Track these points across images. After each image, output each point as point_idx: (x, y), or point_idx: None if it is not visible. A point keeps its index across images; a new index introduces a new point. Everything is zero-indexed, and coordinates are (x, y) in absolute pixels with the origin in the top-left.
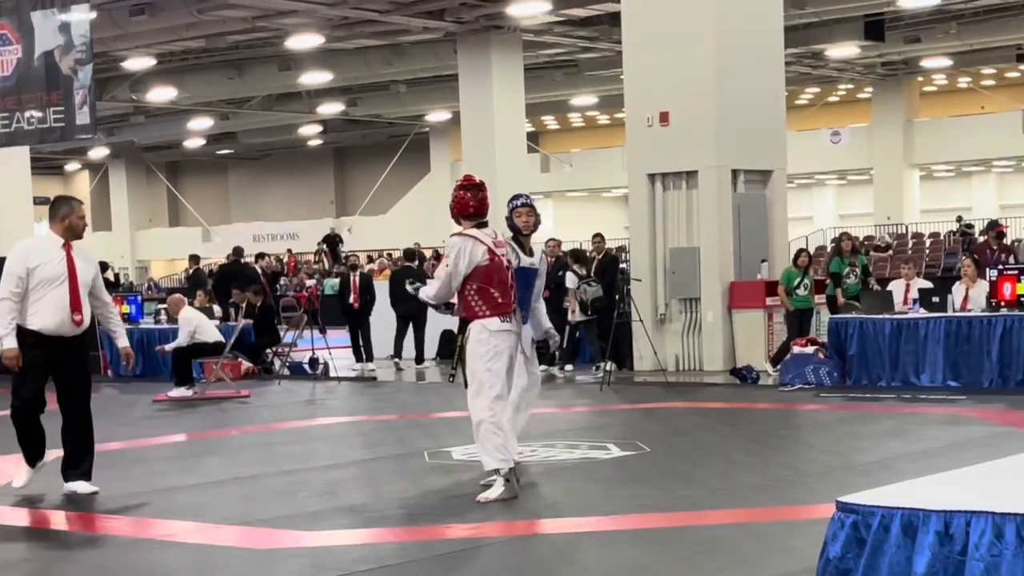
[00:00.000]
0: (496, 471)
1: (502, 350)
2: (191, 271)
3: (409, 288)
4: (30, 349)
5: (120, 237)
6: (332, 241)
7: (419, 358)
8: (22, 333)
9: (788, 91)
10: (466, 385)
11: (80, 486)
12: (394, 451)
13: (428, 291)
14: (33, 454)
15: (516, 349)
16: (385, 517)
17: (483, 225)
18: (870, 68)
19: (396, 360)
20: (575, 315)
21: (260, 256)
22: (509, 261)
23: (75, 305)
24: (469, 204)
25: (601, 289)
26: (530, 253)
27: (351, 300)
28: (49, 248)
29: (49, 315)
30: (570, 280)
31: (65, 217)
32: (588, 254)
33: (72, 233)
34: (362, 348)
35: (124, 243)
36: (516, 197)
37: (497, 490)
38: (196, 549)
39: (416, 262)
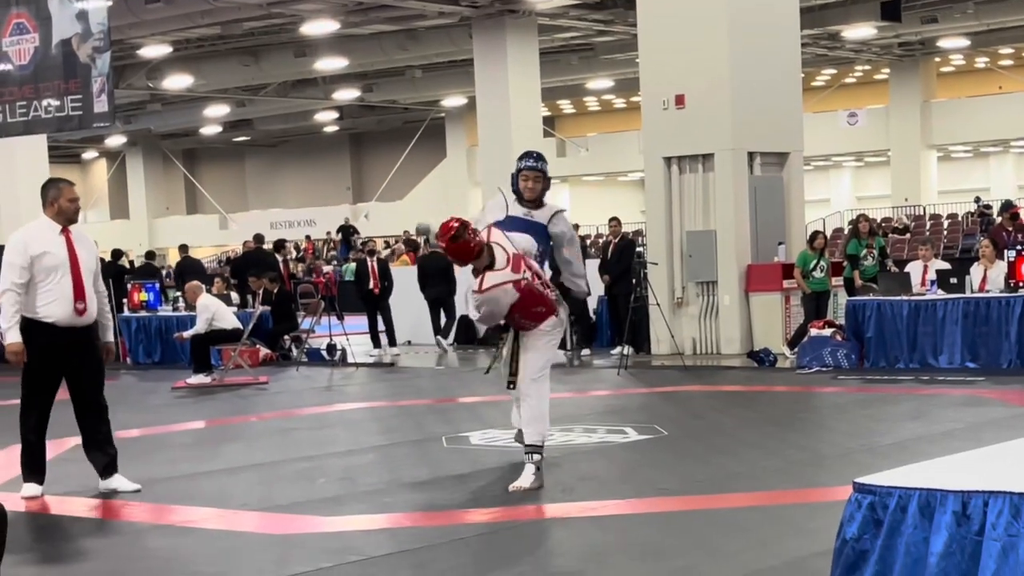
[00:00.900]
0: (534, 451)
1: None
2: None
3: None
4: (39, 344)
5: (137, 225)
6: (347, 232)
7: (445, 337)
8: (31, 326)
9: (804, 73)
10: (508, 385)
11: (121, 483)
12: (412, 436)
13: (475, 315)
14: (39, 470)
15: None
16: (403, 502)
17: (492, 262)
18: (887, 49)
19: (439, 339)
20: None
21: (280, 244)
22: (537, 273)
23: (79, 293)
24: (471, 247)
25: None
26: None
27: (370, 286)
28: (47, 234)
29: (57, 305)
30: None
31: (54, 201)
32: (605, 238)
33: (64, 217)
34: (383, 333)
35: (142, 231)
36: (525, 156)
37: (529, 478)
38: (216, 535)
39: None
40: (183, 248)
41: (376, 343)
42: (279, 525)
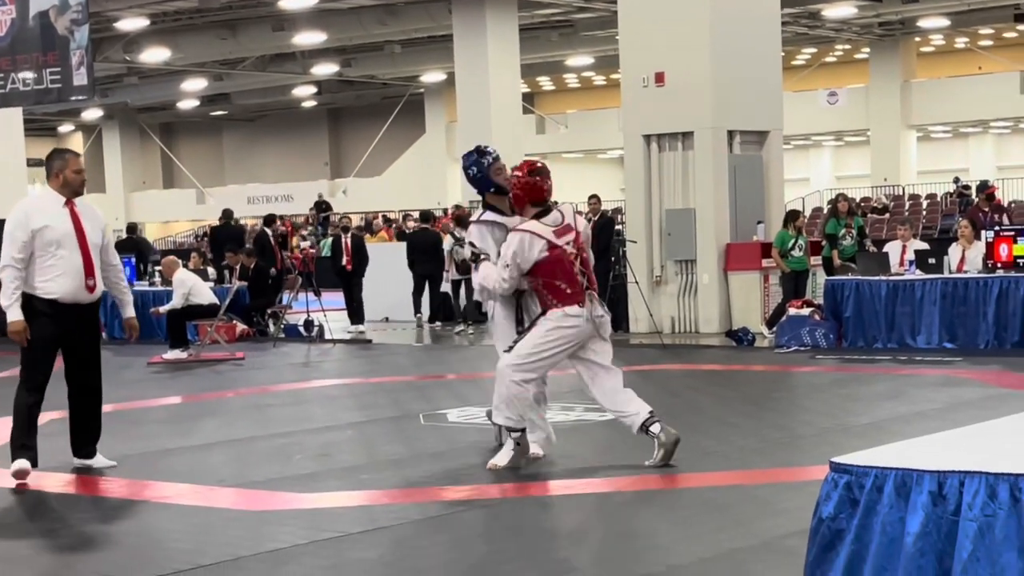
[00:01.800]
0: (510, 432)
1: (568, 339)
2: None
3: (459, 252)
4: (42, 321)
5: (114, 199)
6: (320, 208)
7: (432, 317)
8: (32, 302)
9: (784, 51)
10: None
11: (99, 460)
12: (389, 413)
13: (484, 281)
14: (31, 446)
15: (586, 336)
16: (380, 479)
17: (546, 212)
18: (867, 28)
19: (418, 316)
20: (449, 275)
21: (271, 219)
22: (580, 246)
23: (89, 269)
24: (544, 190)
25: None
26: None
27: (344, 262)
28: (50, 207)
29: (63, 281)
30: (447, 243)
31: (59, 172)
32: (584, 216)
33: (70, 189)
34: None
35: (118, 205)
36: (485, 152)
37: (507, 455)
38: (191, 511)
39: (431, 223)
40: (131, 227)
41: (353, 319)
42: (255, 501)
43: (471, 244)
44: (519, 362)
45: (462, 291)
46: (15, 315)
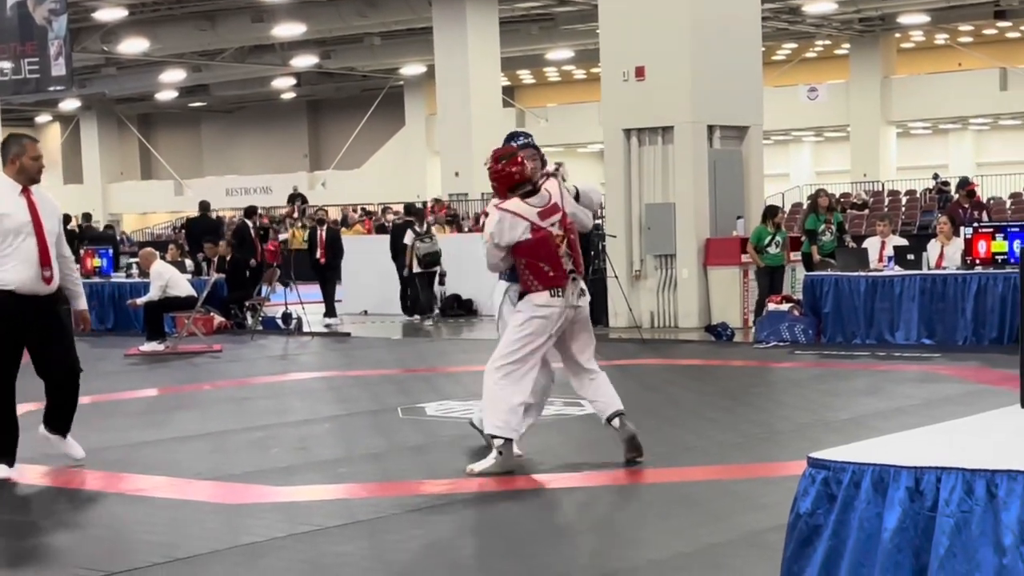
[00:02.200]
0: (493, 439)
1: (545, 327)
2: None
3: (419, 246)
4: (3, 313)
5: (91, 190)
6: (294, 200)
7: (411, 310)
8: None
9: (765, 47)
10: None
11: (70, 444)
12: (367, 407)
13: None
14: (7, 450)
15: (565, 322)
16: (358, 473)
17: (532, 192)
18: (847, 24)
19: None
20: (408, 270)
21: (252, 211)
22: (567, 226)
23: (44, 259)
24: (513, 174)
25: (435, 245)
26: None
27: (318, 255)
28: (7, 194)
29: (19, 271)
30: (408, 237)
31: (16, 158)
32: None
33: (26, 176)
34: (337, 302)
35: (95, 196)
36: (515, 136)
37: (488, 462)
38: (167, 504)
39: (415, 217)
40: (86, 216)
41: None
42: (232, 494)
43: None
44: (501, 363)
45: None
46: None
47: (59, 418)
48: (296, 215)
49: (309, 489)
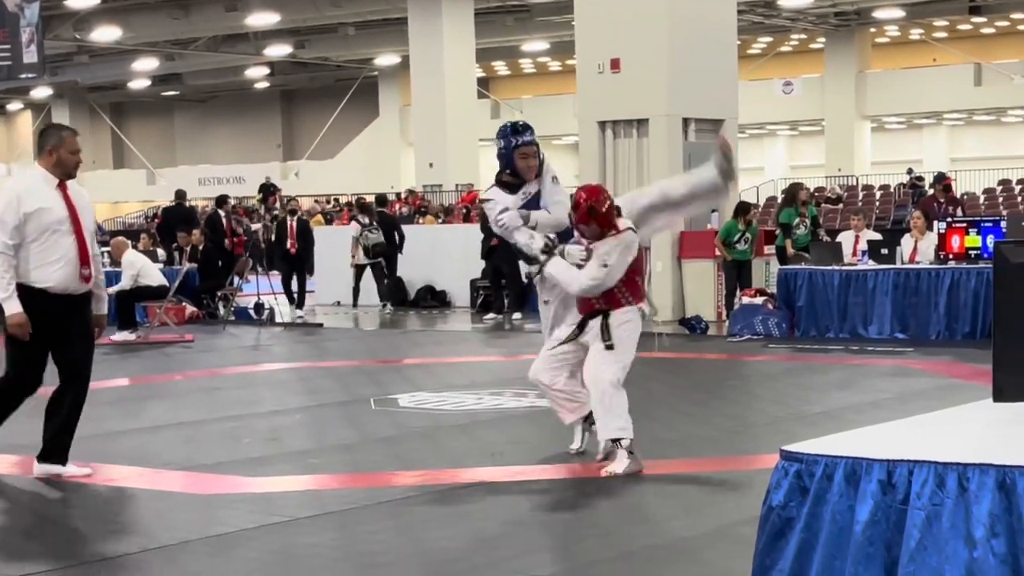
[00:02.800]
0: (617, 441)
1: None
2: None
3: (366, 236)
4: (34, 313)
5: None
6: (267, 189)
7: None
8: (25, 292)
9: (740, 40)
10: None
11: (72, 470)
12: (339, 398)
13: (568, 280)
14: (59, 448)
15: None
16: (329, 464)
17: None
18: (822, 18)
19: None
20: (354, 260)
21: (223, 200)
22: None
23: (84, 257)
24: (607, 214)
25: (382, 235)
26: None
27: (288, 245)
28: (44, 188)
29: (56, 270)
30: (354, 228)
31: (53, 150)
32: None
33: (63, 170)
34: (295, 294)
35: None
36: (516, 131)
37: (622, 463)
38: (139, 494)
39: (364, 211)
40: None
41: (292, 301)
42: (203, 485)
43: (547, 237)
44: (621, 375)
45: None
46: (14, 308)
47: (64, 444)
48: (268, 207)
49: (281, 480)
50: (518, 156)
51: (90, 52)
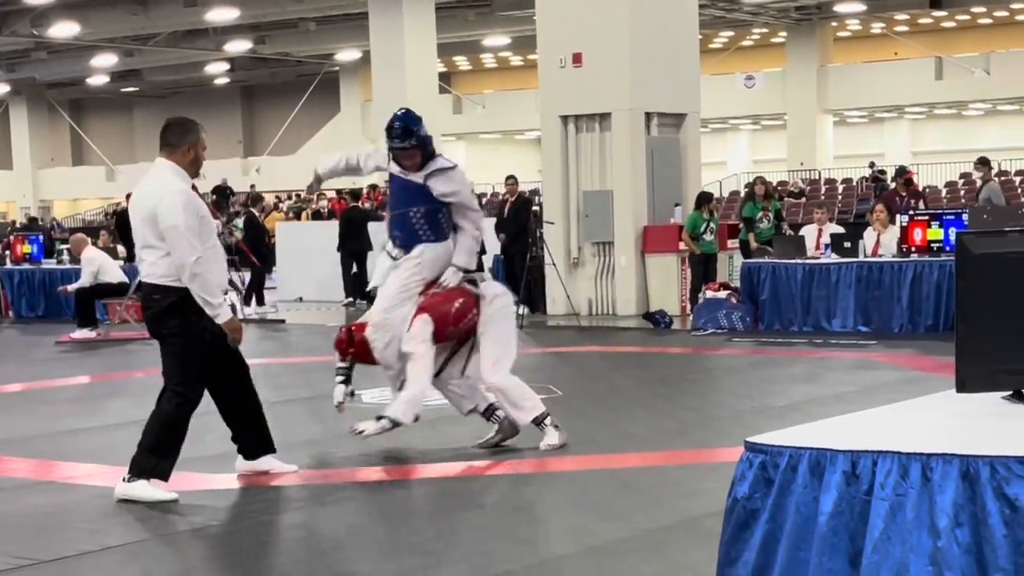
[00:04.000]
0: (540, 421)
1: None
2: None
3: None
4: (206, 326)
5: (21, 176)
6: (222, 192)
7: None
8: (191, 301)
9: (702, 35)
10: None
11: (276, 464)
12: (303, 394)
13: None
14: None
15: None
16: (294, 460)
17: None
18: (784, 12)
19: (351, 300)
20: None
21: None
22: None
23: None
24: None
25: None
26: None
27: (267, 241)
28: (192, 193)
29: (218, 274)
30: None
31: (192, 146)
32: (501, 196)
33: (196, 169)
34: (268, 290)
35: (26, 182)
36: (390, 134)
37: (555, 435)
38: (99, 491)
39: (359, 201)
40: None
41: (260, 300)
42: (165, 482)
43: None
44: (510, 365)
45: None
46: (227, 313)
47: (264, 431)
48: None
49: (244, 477)
50: (394, 156)
51: (48, 48)
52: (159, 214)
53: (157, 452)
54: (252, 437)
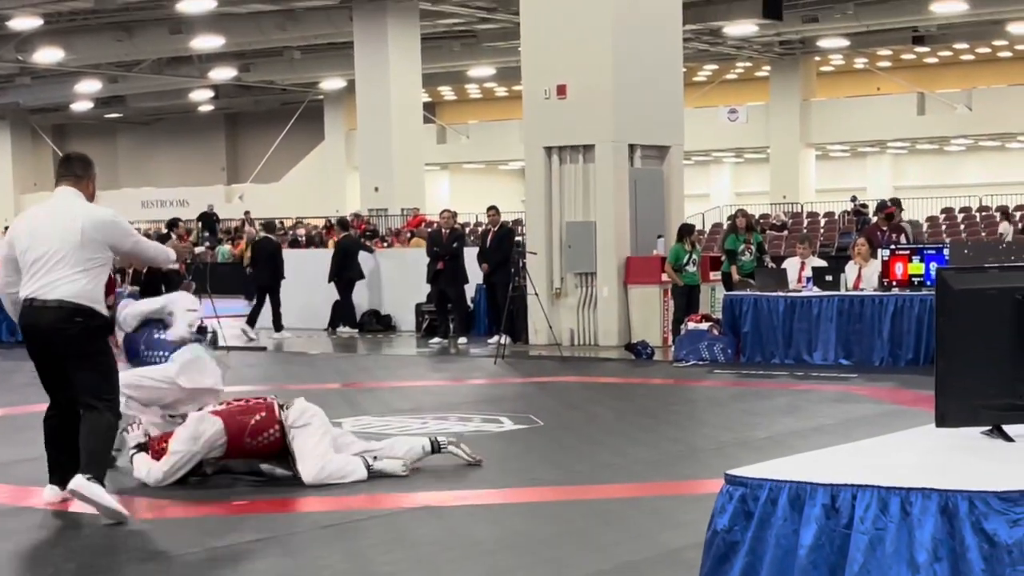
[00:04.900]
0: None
1: None
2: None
3: None
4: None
5: (3, 200)
6: (208, 219)
7: (353, 322)
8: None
9: (686, 67)
10: None
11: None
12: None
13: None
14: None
15: None
16: (272, 489)
17: None
18: (768, 47)
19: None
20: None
21: (174, 223)
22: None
23: None
24: None
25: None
26: None
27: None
28: None
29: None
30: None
31: (92, 181)
32: (484, 226)
33: (91, 201)
34: (271, 316)
35: (7, 207)
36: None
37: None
38: (81, 518)
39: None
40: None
41: (277, 326)
42: (148, 509)
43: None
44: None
45: None
46: None
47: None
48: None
49: (226, 505)
50: None
51: (32, 74)
52: (121, 231)
53: (102, 463)
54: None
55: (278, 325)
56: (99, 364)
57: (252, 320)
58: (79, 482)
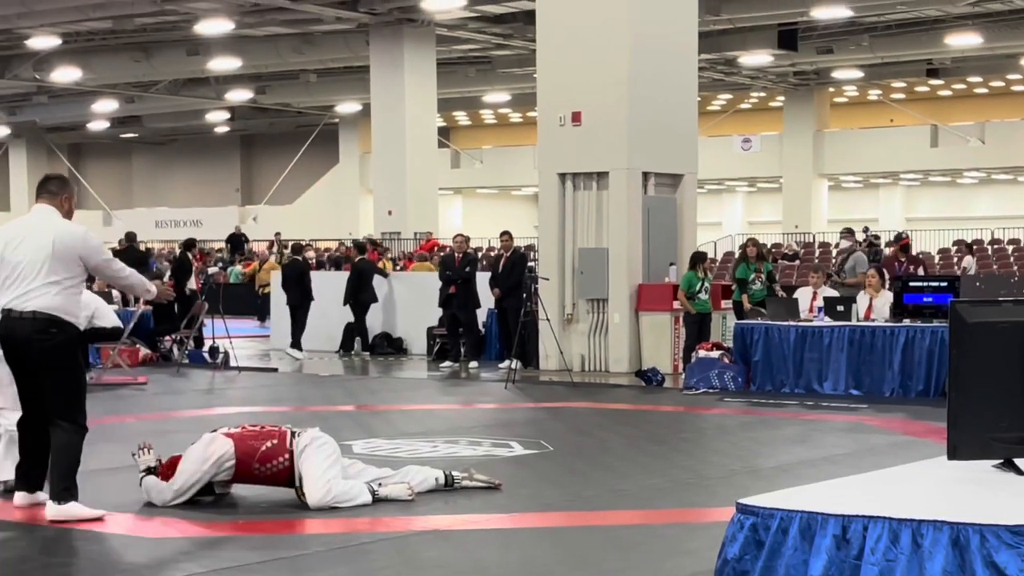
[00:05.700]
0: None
1: None
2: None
3: None
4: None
5: (18, 218)
6: (236, 240)
7: (365, 344)
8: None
9: (701, 96)
10: None
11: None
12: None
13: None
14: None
15: None
16: (281, 510)
17: None
18: (782, 77)
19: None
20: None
21: (191, 243)
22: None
23: None
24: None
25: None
26: None
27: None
28: None
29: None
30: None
31: (68, 199)
32: (497, 251)
33: (69, 218)
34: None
35: None
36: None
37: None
38: (87, 537)
39: (367, 253)
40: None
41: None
42: (153, 529)
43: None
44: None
45: None
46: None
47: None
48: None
49: (232, 524)
50: None
51: (49, 93)
52: (90, 246)
53: (72, 478)
54: (43, 471)
55: (297, 344)
56: (68, 381)
57: (295, 343)
58: (53, 511)
